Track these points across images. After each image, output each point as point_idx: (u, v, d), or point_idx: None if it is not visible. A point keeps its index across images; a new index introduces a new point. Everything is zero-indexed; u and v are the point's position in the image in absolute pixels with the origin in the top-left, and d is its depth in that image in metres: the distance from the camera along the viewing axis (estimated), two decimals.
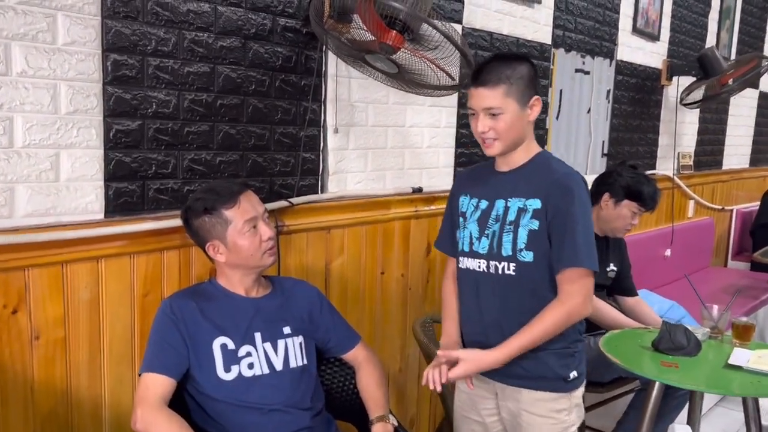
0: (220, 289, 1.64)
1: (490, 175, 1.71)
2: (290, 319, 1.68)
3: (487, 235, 1.64)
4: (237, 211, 1.57)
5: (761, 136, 5.61)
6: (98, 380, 1.65)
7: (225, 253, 1.59)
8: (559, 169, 1.62)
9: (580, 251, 1.53)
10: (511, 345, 1.57)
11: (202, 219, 1.57)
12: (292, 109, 2.00)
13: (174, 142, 1.74)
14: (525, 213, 1.59)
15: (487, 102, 1.57)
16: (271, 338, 1.63)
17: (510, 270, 1.61)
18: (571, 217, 1.54)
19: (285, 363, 1.63)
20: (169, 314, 1.55)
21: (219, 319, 1.59)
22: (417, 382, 2.56)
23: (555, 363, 1.63)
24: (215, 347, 1.56)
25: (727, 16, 4.57)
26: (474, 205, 1.70)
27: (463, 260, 1.71)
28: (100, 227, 1.59)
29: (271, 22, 1.90)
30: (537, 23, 2.88)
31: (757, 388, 1.78)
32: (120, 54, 1.60)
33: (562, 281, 1.57)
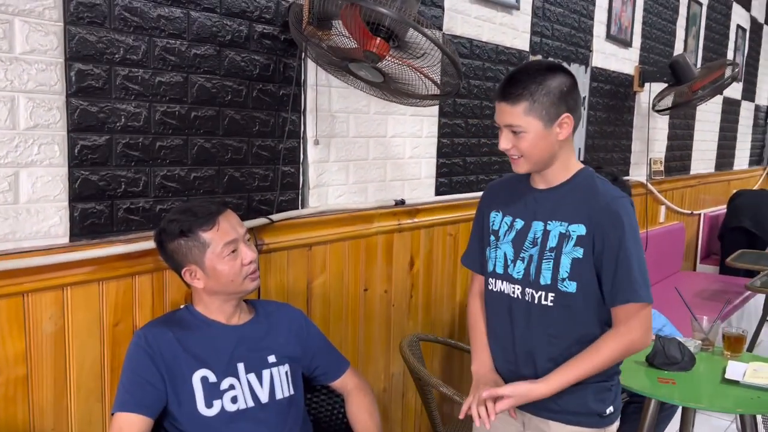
0: (199, 317, 1.53)
1: (526, 190, 1.55)
2: (275, 346, 1.57)
3: (523, 258, 1.50)
4: (215, 233, 1.46)
5: (725, 141, 5.70)
6: (65, 421, 1.51)
7: (203, 279, 1.48)
8: (605, 191, 1.46)
9: (638, 285, 1.40)
10: (561, 377, 1.44)
11: (177, 242, 1.46)
12: (271, 120, 1.89)
13: (145, 158, 1.61)
14: (568, 239, 1.44)
15: (507, 119, 1.43)
16: (255, 369, 1.52)
17: (548, 300, 1.46)
18: (624, 248, 1.40)
19: (271, 395, 1.52)
20: (144, 346, 1.43)
21: (198, 349, 1.47)
22: (401, 401, 2.46)
23: (592, 398, 1.50)
24: (195, 381, 1.45)
25: (693, 22, 4.62)
26: (508, 224, 1.55)
27: (496, 282, 1.56)
28: (64, 253, 1.46)
29: (247, 28, 1.79)
30: (516, 30, 2.83)
31: (758, 405, 1.74)
32: (85, 63, 1.47)
33: (619, 315, 1.44)
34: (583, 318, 1.46)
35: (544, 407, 1.50)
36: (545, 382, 1.45)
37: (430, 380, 1.91)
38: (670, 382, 1.86)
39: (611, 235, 1.41)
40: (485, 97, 2.70)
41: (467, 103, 2.61)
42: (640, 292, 1.41)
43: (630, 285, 1.40)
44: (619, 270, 1.40)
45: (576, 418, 1.51)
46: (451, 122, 2.55)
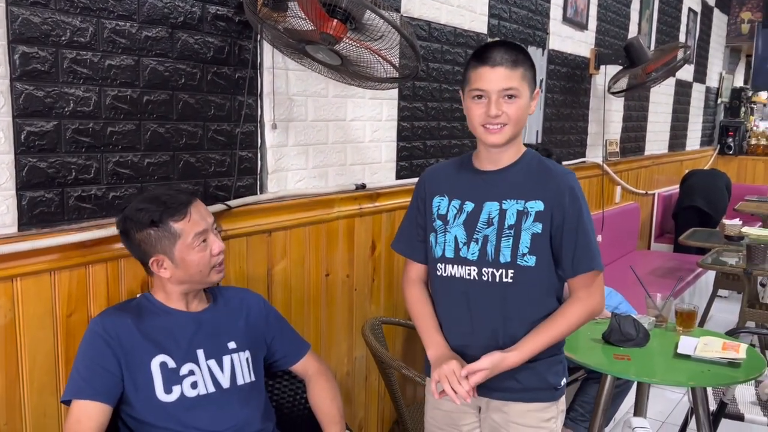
0: (157, 305, 1.50)
1: (471, 174, 1.56)
2: (235, 332, 1.56)
3: (477, 240, 1.51)
4: (187, 223, 1.44)
5: (678, 122, 5.85)
6: (18, 415, 1.46)
7: (170, 269, 1.45)
8: (557, 169, 1.52)
9: (595, 255, 1.48)
10: (528, 345, 1.47)
11: (146, 232, 1.43)
12: (227, 104, 1.85)
13: (96, 144, 1.56)
14: (527, 216, 1.47)
15: (506, 82, 1.42)
16: (215, 355, 1.51)
17: (508, 277, 1.48)
18: (582, 221, 1.46)
19: (232, 380, 1.51)
20: (101, 333, 1.40)
21: (157, 336, 1.45)
22: (365, 385, 2.47)
23: (548, 372, 1.54)
24: (154, 367, 1.43)
25: (647, 6, 4.70)
26: (456, 207, 1.54)
27: (446, 267, 1.54)
28: (13, 242, 1.41)
29: (200, 9, 1.75)
30: (473, 12, 2.83)
31: (708, 377, 1.80)
32: (29, 46, 1.41)
33: (578, 284, 1.50)
34: (541, 290, 1.51)
35: (504, 387, 1.52)
36: (517, 350, 1.47)
37: (392, 362, 1.92)
38: (626, 359, 1.91)
39: (570, 209, 1.46)
40: (444, 80, 2.70)
41: (426, 86, 2.61)
42: (597, 260, 1.48)
43: (590, 255, 1.47)
44: (580, 242, 1.46)
45: (535, 394, 1.54)
46: (410, 105, 2.54)
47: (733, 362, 1.87)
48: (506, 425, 1.55)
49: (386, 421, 2.58)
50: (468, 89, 1.48)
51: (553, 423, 1.57)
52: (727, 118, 7.32)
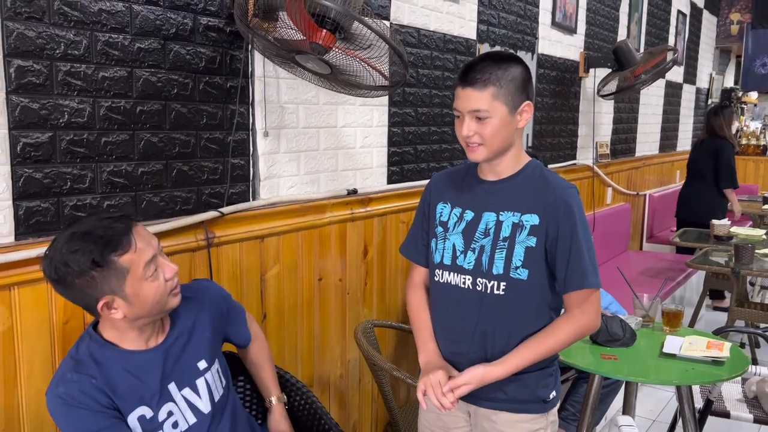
0: (112, 349, 1.35)
1: (475, 182, 1.57)
2: (203, 348, 1.48)
3: (474, 249, 1.52)
4: (134, 254, 1.28)
5: (668, 123, 5.90)
6: (16, 422, 1.50)
7: (123, 307, 1.30)
8: (556, 183, 1.50)
9: (589, 273, 1.45)
10: (513, 360, 1.47)
11: (90, 274, 1.25)
12: (219, 113, 1.89)
13: (90, 154, 1.59)
14: (522, 229, 1.47)
15: (473, 104, 1.43)
16: (188, 382, 1.44)
17: (500, 290, 1.49)
18: (576, 238, 1.44)
19: (210, 400, 1.47)
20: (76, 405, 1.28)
21: (125, 389, 1.34)
22: (358, 387, 2.51)
23: (536, 385, 1.54)
24: (132, 423, 1.34)
25: (636, 8, 4.76)
26: (457, 216, 1.56)
27: (443, 273, 1.56)
28: (10, 252, 1.44)
29: (192, 21, 1.78)
30: (462, 18, 2.87)
31: (693, 376, 1.84)
32: (24, 59, 1.45)
33: (571, 301, 1.49)
34: (533, 304, 1.50)
35: (491, 398, 1.53)
36: (502, 365, 1.47)
37: (384, 365, 1.95)
38: (613, 358, 1.95)
39: (564, 224, 1.44)
40: (434, 85, 2.74)
41: (416, 92, 2.65)
42: (590, 278, 1.46)
43: (582, 272, 1.45)
44: (572, 258, 1.44)
45: (523, 406, 1.54)
46: (401, 111, 2.58)
47: (717, 360, 1.91)
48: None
49: (380, 423, 2.62)
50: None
51: None
52: None
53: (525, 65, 1.49)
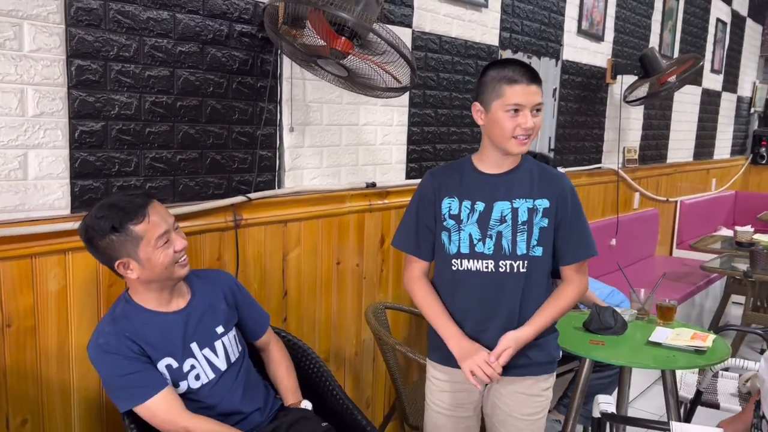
0: (142, 310, 1.61)
1: (477, 176, 1.74)
2: (219, 316, 1.72)
3: (491, 236, 1.69)
4: (147, 225, 1.53)
5: (704, 131, 5.91)
6: (67, 366, 1.76)
7: (137, 269, 1.55)
8: (554, 172, 1.76)
9: (590, 243, 1.73)
10: (538, 321, 1.70)
11: (109, 238, 1.51)
12: (249, 109, 2.12)
13: (136, 142, 1.85)
14: (536, 212, 1.69)
15: (538, 98, 1.64)
16: (208, 343, 1.68)
17: (524, 268, 1.69)
18: (580, 215, 1.73)
19: (227, 360, 1.71)
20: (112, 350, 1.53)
21: (154, 340, 1.59)
22: (372, 365, 2.72)
23: (551, 346, 1.77)
24: (161, 368, 1.59)
25: (669, 17, 4.82)
26: (468, 207, 1.71)
27: (461, 262, 1.71)
28: (66, 222, 1.70)
29: (227, 27, 2.03)
30: (485, 26, 3.05)
31: (671, 361, 1.98)
32: (83, 60, 1.71)
33: (571, 270, 1.74)
34: (545, 276, 1.74)
35: (519, 365, 1.72)
36: (529, 326, 1.70)
37: (389, 340, 2.16)
38: (600, 344, 2.10)
39: (570, 205, 1.71)
40: (455, 89, 2.93)
41: (437, 95, 2.84)
42: (592, 248, 1.74)
43: (588, 243, 1.73)
44: (578, 233, 1.72)
45: (542, 368, 1.76)
46: (420, 112, 2.78)
47: (699, 350, 2.04)
48: (509, 395, 1.75)
49: (392, 399, 2.82)
50: (501, 103, 1.63)
51: (549, 392, 1.80)
52: (761, 127, 7.30)
53: None
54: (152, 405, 1.53)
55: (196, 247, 2.01)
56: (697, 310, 4.23)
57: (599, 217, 4.28)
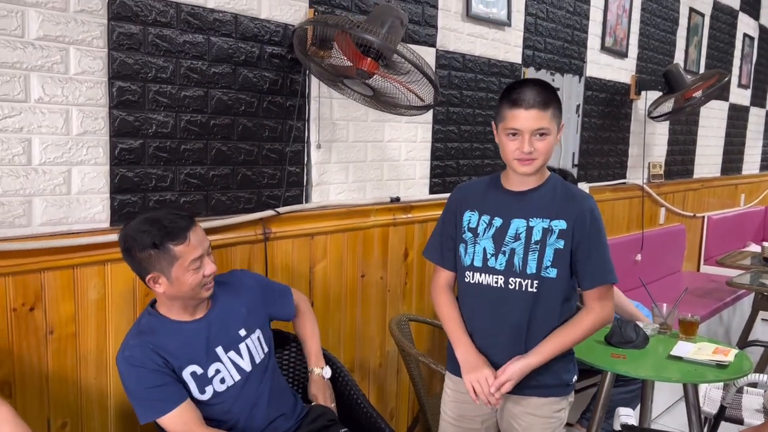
0: (166, 322, 1.68)
1: (500, 193, 1.76)
2: (241, 319, 1.78)
3: (504, 252, 1.70)
4: (186, 247, 1.59)
5: (732, 146, 5.86)
6: (104, 372, 1.85)
7: (164, 285, 1.62)
8: (579, 193, 1.74)
9: (609, 269, 1.68)
10: (548, 348, 1.68)
11: (147, 252, 1.58)
12: (279, 127, 2.21)
13: (172, 159, 1.94)
14: (551, 233, 1.67)
15: (538, 123, 1.61)
16: (232, 346, 1.74)
17: (533, 287, 1.68)
18: (600, 239, 1.68)
19: (252, 362, 1.77)
20: (137, 364, 1.59)
21: (178, 351, 1.65)
22: (396, 377, 2.77)
23: (561, 370, 1.75)
24: (186, 376, 1.66)
25: (695, 33, 4.83)
26: (486, 222, 1.73)
27: (474, 275, 1.74)
28: (106, 234, 1.80)
29: (259, 49, 2.12)
30: (508, 44, 3.11)
31: (692, 375, 2.00)
32: (124, 81, 1.81)
33: (591, 295, 1.70)
34: (560, 299, 1.71)
35: (524, 384, 1.72)
36: (537, 354, 1.68)
37: (412, 351, 2.21)
38: (621, 357, 2.13)
39: (589, 228, 1.67)
40: (478, 105, 2.99)
41: (460, 112, 2.91)
42: (611, 274, 1.69)
43: (603, 269, 1.68)
44: (595, 257, 1.68)
45: (551, 390, 1.76)
46: (444, 128, 2.84)
47: (720, 364, 2.05)
48: (522, 416, 1.77)
49: (415, 411, 2.86)
50: (503, 126, 1.66)
51: (563, 413, 1.79)
52: None
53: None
54: (169, 419, 1.59)
55: (227, 259, 2.09)
56: (724, 326, 4.19)
57: (624, 232, 4.28)
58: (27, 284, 1.68)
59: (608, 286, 1.71)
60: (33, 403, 1.72)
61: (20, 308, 1.67)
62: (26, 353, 1.70)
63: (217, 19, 1.99)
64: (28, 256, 1.66)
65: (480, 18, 2.90)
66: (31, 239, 1.67)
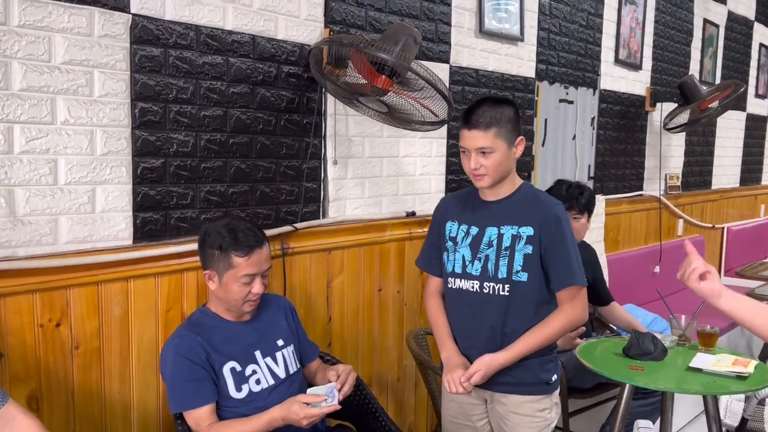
0: (215, 319, 1.81)
1: (477, 203, 1.90)
2: (280, 331, 1.90)
3: (480, 258, 1.84)
4: (245, 261, 1.73)
5: (751, 156, 5.82)
6: (128, 385, 1.89)
7: (215, 285, 1.77)
8: (545, 200, 1.85)
9: (576, 272, 1.79)
10: (517, 347, 1.79)
11: (213, 250, 1.74)
12: (296, 144, 2.25)
13: (192, 177, 1.99)
14: (519, 239, 1.79)
15: (479, 143, 1.77)
16: (270, 353, 1.85)
17: (504, 291, 1.81)
18: (564, 244, 1.78)
19: (286, 371, 1.86)
20: (182, 354, 1.70)
21: (222, 346, 1.77)
22: (414, 390, 2.77)
23: (538, 369, 1.86)
24: (225, 372, 1.75)
25: (710, 44, 4.82)
26: (464, 231, 1.88)
27: (455, 281, 1.89)
28: (129, 252, 1.84)
29: (276, 69, 2.17)
30: (521, 59, 3.14)
31: (711, 386, 1.99)
32: (146, 102, 1.87)
33: (562, 297, 1.81)
34: (533, 302, 1.82)
35: (502, 381, 1.83)
36: (506, 351, 1.79)
37: (430, 364, 2.22)
38: (640, 369, 2.12)
39: (555, 233, 1.78)
40: None
41: None
42: (578, 277, 1.79)
43: (570, 272, 1.79)
44: (562, 261, 1.78)
45: (528, 388, 1.85)
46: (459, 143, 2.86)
47: (740, 375, 2.04)
48: (507, 415, 1.87)
49: (434, 425, 2.86)
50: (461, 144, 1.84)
51: (547, 413, 1.85)
52: None
53: (516, 106, 1.83)
54: (191, 414, 1.70)
55: None
56: (746, 338, 4.14)
57: (642, 244, 4.26)
58: (53, 301, 1.73)
59: (578, 287, 1.81)
60: (60, 418, 1.76)
61: (47, 324, 1.72)
62: (53, 368, 1.74)
63: (236, 40, 2.04)
64: (54, 273, 1.71)
65: (493, 34, 2.94)
66: (57, 257, 1.72)
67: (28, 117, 1.66)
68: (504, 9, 2.99)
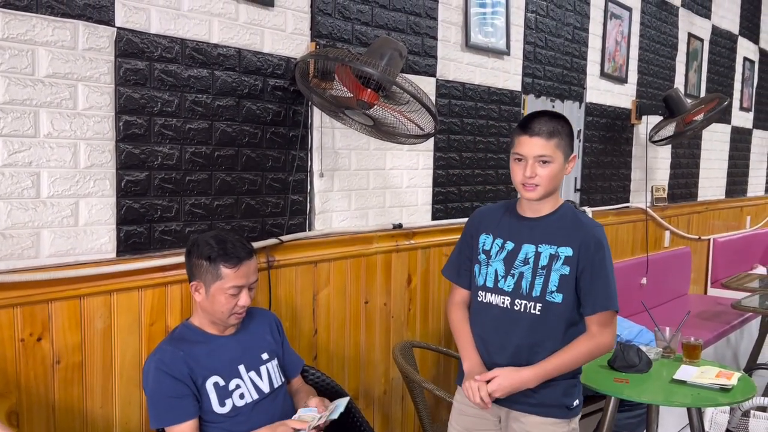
0: (198, 332, 1.79)
1: (514, 218, 1.85)
2: (265, 345, 1.89)
3: (513, 275, 1.79)
4: (233, 273, 1.73)
5: (736, 168, 5.88)
6: (110, 401, 1.87)
7: (202, 296, 1.76)
8: (587, 222, 1.82)
9: (613, 297, 1.74)
10: (545, 367, 1.74)
11: (201, 261, 1.74)
12: (282, 157, 2.26)
13: (177, 190, 1.99)
14: (557, 259, 1.75)
15: (540, 150, 1.72)
16: (254, 367, 1.83)
17: (536, 310, 1.76)
18: (604, 267, 1.74)
19: (270, 385, 1.84)
20: (164, 369, 1.69)
21: (205, 361, 1.75)
22: (401, 404, 2.76)
23: (561, 393, 1.80)
24: (209, 386, 1.74)
25: (694, 57, 4.88)
26: (499, 246, 1.83)
27: (485, 294, 1.84)
28: (112, 265, 1.83)
29: (262, 82, 2.17)
30: (507, 72, 3.16)
31: (695, 399, 2.00)
32: (130, 115, 1.86)
33: (593, 321, 1.75)
34: (564, 323, 1.77)
35: (523, 402, 1.79)
36: (532, 369, 1.74)
37: (415, 377, 2.22)
38: (624, 382, 2.13)
39: (594, 256, 1.74)
40: (478, 133, 3.03)
41: (461, 139, 2.95)
42: (614, 301, 1.75)
43: (606, 296, 1.74)
44: (600, 284, 1.74)
45: (549, 410, 1.80)
46: (445, 156, 2.88)
47: (724, 388, 2.05)
48: None
49: None
50: (512, 151, 1.79)
51: None
52: None
53: (570, 125, 1.80)
54: (173, 431, 1.68)
55: None
56: (732, 349, 4.16)
57: (629, 255, 4.28)
58: (35, 315, 1.71)
59: (610, 313, 1.76)
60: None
61: (28, 338, 1.70)
62: (33, 383, 1.72)
63: (221, 54, 2.05)
64: (36, 287, 1.70)
65: (479, 48, 2.96)
66: (39, 270, 1.70)
67: (11, 130, 1.65)
68: (490, 23, 3.01)
